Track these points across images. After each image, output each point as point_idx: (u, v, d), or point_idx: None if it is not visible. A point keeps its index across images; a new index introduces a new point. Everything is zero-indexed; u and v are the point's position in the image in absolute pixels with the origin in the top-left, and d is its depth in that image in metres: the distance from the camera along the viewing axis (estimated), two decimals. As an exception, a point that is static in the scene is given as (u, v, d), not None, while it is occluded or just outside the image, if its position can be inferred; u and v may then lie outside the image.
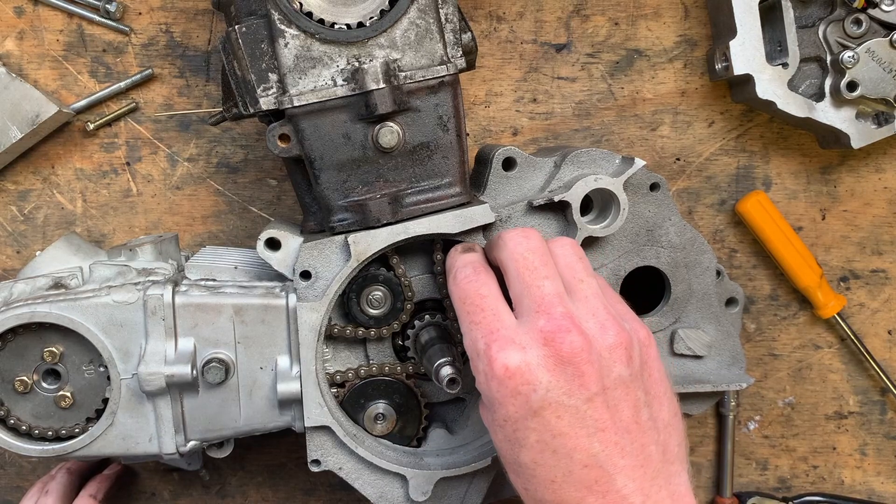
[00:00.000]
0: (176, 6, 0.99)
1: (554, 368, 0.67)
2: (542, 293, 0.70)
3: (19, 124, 0.96)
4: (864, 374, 1.08)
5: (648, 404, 0.71)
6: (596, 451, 0.67)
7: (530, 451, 0.68)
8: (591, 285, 0.73)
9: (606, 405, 0.68)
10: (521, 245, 0.73)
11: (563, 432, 0.67)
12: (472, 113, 1.02)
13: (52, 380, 0.84)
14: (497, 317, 0.71)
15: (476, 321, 0.71)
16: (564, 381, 0.67)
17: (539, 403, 0.67)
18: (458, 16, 0.80)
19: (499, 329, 0.70)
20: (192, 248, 1.02)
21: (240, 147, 1.02)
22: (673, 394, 0.74)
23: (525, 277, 0.72)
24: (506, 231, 0.76)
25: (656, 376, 0.72)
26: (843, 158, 1.04)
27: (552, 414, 0.67)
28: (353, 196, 0.80)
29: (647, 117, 1.03)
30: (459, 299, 0.74)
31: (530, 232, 0.75)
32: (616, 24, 1.01)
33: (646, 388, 0.71)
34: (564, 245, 0.76)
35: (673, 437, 0.72)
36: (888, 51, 0.93)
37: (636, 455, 0.68)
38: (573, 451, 0.67)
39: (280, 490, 1.08)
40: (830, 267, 1.06)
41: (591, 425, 0.67)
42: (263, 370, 0.83)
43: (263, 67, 0.77)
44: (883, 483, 1.09)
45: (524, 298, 0.71)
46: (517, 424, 0.68)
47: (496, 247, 0.76)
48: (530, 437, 0.68)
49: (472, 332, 0.71)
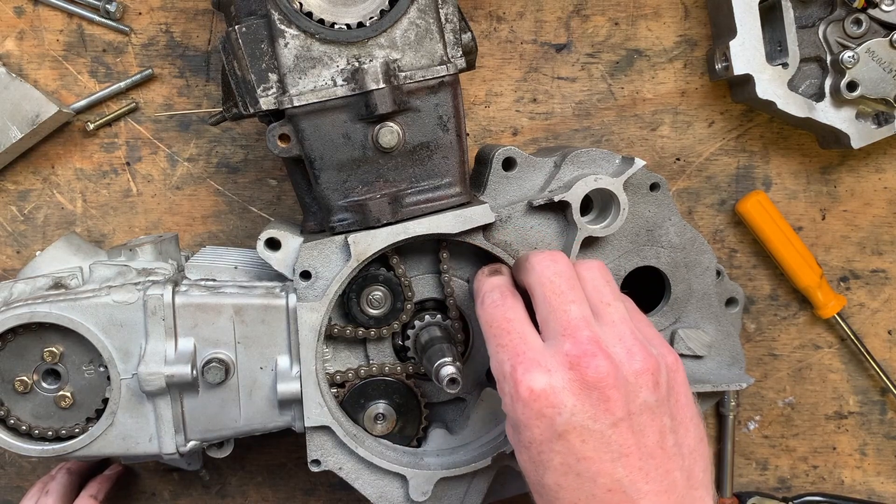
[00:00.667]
0: (176, 6, 0.99)
1: (579, 392, 0.67)
2: (568, 317, 0.70)
3: (19, 124, 0.96)
4: (864, 374, 1.08)
5: (674, 430, 0.70)
6: (620, 476, 0.67)
7: (554, 473, 0.68)
8: (619, 309, 0.73)
9: (632, 430, 0.68)
10: (549, 269, 0.73)
11: (588, 456, 0.67)
12: (472, 113, 1.02)
13: (52, 380, 0.84)
14: (523, 340, 0.71)
15: (503, 344, 0.72)
16: (590, 406, 0.67)
17: (564, 427, 0.67)
18: (458, 16, 0.80)
19: (525, 352, 0.70)
20: (192, 248, 1.02)
21: (240, 147, 1.02)
22: (700, 419, 0.74)
23: (552, 301, 0.72)
24: (533, 254, 0.76)
25: (683, 401, 0.72)
26: (843, 158, 1.04)
27: (577, 438, 0.67)
28: (353, 196, 0.80)
29: (647, 117, 1.03)
30: (486, 323, 0.74)
31: (557, 255, 0.75)
32: (616, 24, 1.01)
33: (672, 414, 0.71)
34: (592, 268, 0.76)
35: (698, 462, 0.72)
36: (888, 51, 0.93)
37: (660, 481, 0.68)
38: (597, 476, 0.67)
39: (280, 490, 1.08)
40: (830, 267, 1.06)
41: (615, 450, 0.67)
42: (263, 370, 0.83)
43: (263, 67, 0.77)
44: (883, 483, 1.09)
45: (550, 322, 0.71)
46: (542, 447, 0.68)
47: (523, 270, 0.76)
48: (554, 459, 0.68)
49: (498, 355, 0.72)
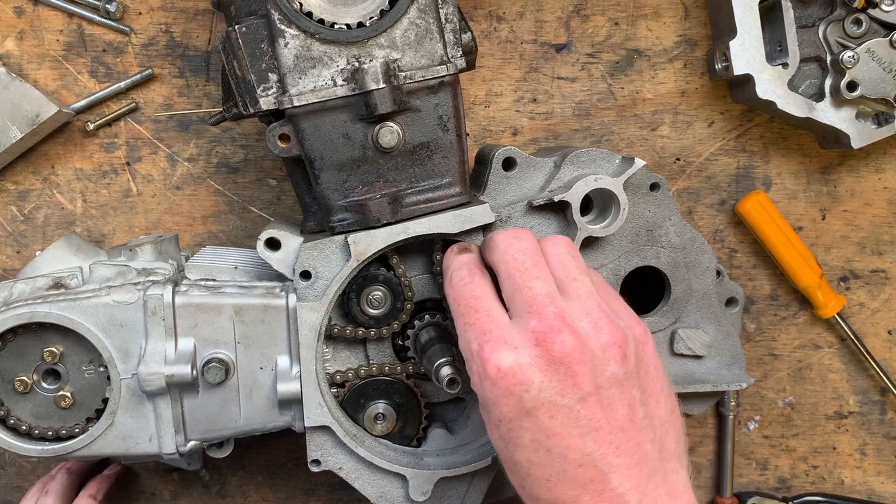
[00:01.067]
0: (176, 6, 0.99)
1: (546, 368, 0.67)
2: (532, 294, 0.70)
3: (19, 124, 0.96)
4: (864, 374, 1.08)
5: (644, 402, 0.70)
6: (590, 451, 0.67)
7: (525, 450, 0.68)
8: (585, 283, 0.72)
9: (600, 404, 0.68)
10: (512, 246, 0.73)
11: (557, 432, 0.67)
12: (472, 113, 1.02)
13: (52, 380, 0.84)
14: (490, 318, 0.71)
15: (470, 322, 0.71)
16: (557, 381, 0.67)
17: (532, 403, 0.67)
18: (458, 16, 0.80)
19: (492, 330, 0.70)
20: (192, 248, 1.02)
21: (240, 147, 1.02)
22: (671, 390, 0.74)
23: (516, 278, 0.71)
24: (497, 232, 0.76)
25: (653, 373, 0.72)
26: (843, 158, 1.04)
27: (545, 414, 0.67)
28: (353, 196, 0.80)
29: (647, 117, 1.03)
30: (454, 301, 0.74)
31: (521, 232, 0.75)
32: (616, 24, 1.01)
33: (641, 386, 0.71)
34: (557, 244, 0.75)
35: (670, 434, 0.71)
36: (888, 51, 0.93)
37: (631, 453, 0.68)
38: (567, 451, 0.67)
39: (280, 490, 1.08)
40: (830, 267, 1.06)
41: (584, 424, 0.67)
42: (263, 370, 0.83)
43: (263, 67, 0.77)
44: (883, 483, 1.09)
45: (516, 300, 0.71)
46: (511, 424, 0.68)
47: (488, 249, 0.76)
48: (524, 436, 0.68)
49: (465, 333, 0.72)
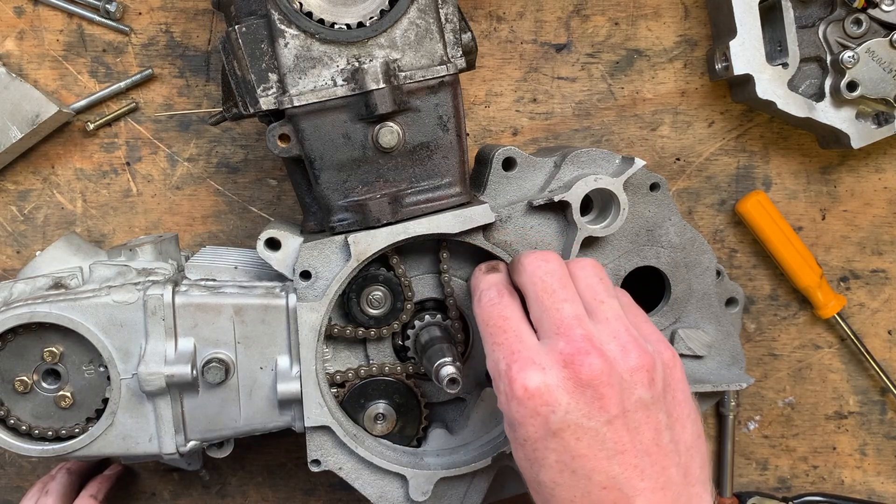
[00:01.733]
0: (176, 6, 0.99)
1: (573, 390, 0.67)
2: (560, 316, 0.70)
3: (19, 124, 0.96)
4: (864, 374, 1.08)
5: (670, 427, 0.70)
6: (615, 474, 0.67)
7: (549, 470, 0.68)
8: (613, 306, 0.73)
9: (627, 428, 0.68)
10: (540, 268, 0.74)
11: (583, 454, 0.67)
12: (472, 113, 1.02)
13: (52, 380, 0.84)
14: (519, 338, 0.71)
15: (498, 342, 0.72)
16: (584, 404, 0.67)
17: (558, 425, 0.67)
18: (458, 16, 0.80)
19: (520, 350, 0.70)
20: (192, 248, 1.02)
21: (240, 147, 1.02)
22: (697, 416, 0.74)
23: (544, 301, 0.72)
24: (525, 254, 0.76)
25: (680, 398, 0.72)
26: (843, 158, 1.04)
27: (571, 435, 0.67)
28: (353, 196, 0.80)
29: (647, 117, 1.03)
30: (483, 321, 0.74)
31: (549, 255, 0.75)
32: (616, 24, 1.01)
33: (668, 411, 0.71)
34: (585, 266, 0.76)
35: (695, 459, 0.71)
36: (888, 51, 0.93)
37: (656, 478, 0.68)
38: (592, 473, 0.67)
39: (280, 490, 1.08)
40: (830, 267, 1.06)
41: (610, 448, 0.67)
42: (263, 370, 0.83)
43: (263, 67, 0.77)
44: (883, 483, 1.09)
45: (544, 321, 0.71)
46: (536, 444, 0.68)
47: (515, 271, 0.76)
48: (549, 457, 0.68)
49: (494, 353, 0.72)
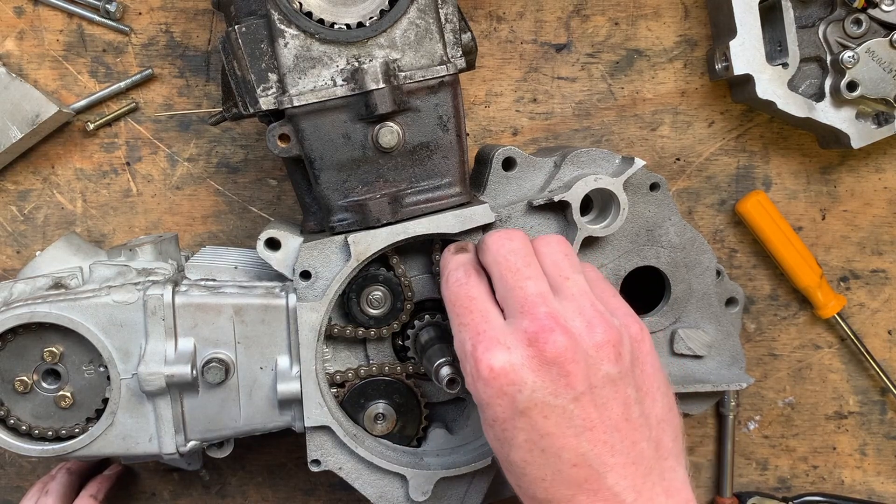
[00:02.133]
0: (176, 6, 0.99)
1: (539, 369, 0.67)
2: (524, 294, 0.70)
3: (19, 124, 0.96)
4: (864, 374, 1.08)
5: (640, 401, 0.70)
6: (585, 450, 0.67)
7: (519, 450, 0.68)
8: (578, 282, 0.72)
9: (594, 404, 0.67)
10: (504, 247, 0.73)
11: (551, 432, 0.67)
12: (472, 113, 1.02)
13: (52, 380, 0.84)
14: (485, 318, 0.71)
15: (464, 322, 0.71)
16: (550, 382, 0.67)
17: (525, 404, 0.67)
18: (458, 16, 0.80)
19: (486, 330, 0.70)
20: (192, 248, 1.02)
21: (240, 147, 1.02)
22: (668, 388, 0.73)
23: (508, 279, 0.71)
24: (489, 234, 0.76)
25: (649, 371, 0.72)
26: (843, 158, 1.04)
27: (539, 414, 0.67)
28: (353, 196, 0.80)
29: (647, 117, 1.03)
30: (450, 301, 0.74)
31: (513, 233, 0.75)
32: (616, 24, 1.01)
33: (637, 385, 0.70)
34: (549, 243, 0.75)
35: (667, 432, 0.71)
36: (888, 51, 0.93)
37: (627, 452, 0.68)
38: (561, 451, 0.67)
39: (280, 490, 1.08)
40: (830, 267, 1.06)
41: (578, 424, 0.67)
42: (263, 370, 0.83)
43: (263, 67, 0.77)
44: (883, 483, 1.09)
45: (508, 300, 0.71)
46: (505, 424, 0.68)
47: (481, 251, 0.76)
48: (518, 436, 0.68)
49: (460, 334, 0.72)
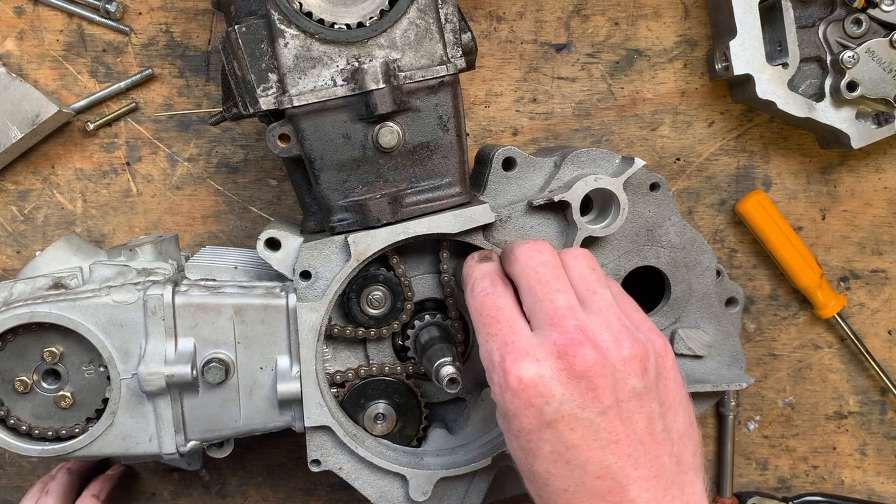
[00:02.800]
0: (176, 6, 0.99)
1: (567, 381, 0.67)
2: (554, 307, 0.70)
3: (19, 124, 0.96)
4: (864, 374, 1.08)
5: (663, 415, 0.71)
6: (609, 463, 0.67)
7: (544, 461, 0.68)
8: (605, 296, 0.72)
9: (620, 418, 0.68)
10: (533, 259, 0.73)
11: (576, 444, 0.67)
12: (472, 113, 1.02)
13: (52, 380, 0.84)
14: (513, 329, 0.71)
15: (492, 333, 0.71)
16: (578, 395, 0.67)
17: (552, 416, 0.67)
18: (458, 16, 0.80)
19: (514, 341, 0.70)
20: (192, 248, 1.02)
21: (240, 147, 1.02)
22: (689, 403, 0.74)
23: (537, 291, 0.72)
24: (517, 244, 0.76)
25: (672, 387, 0.72)
26: (843, 158, 1.04)
27: (565, 426, 0.67)
28: (353, 196, 0.80)
29: (647, 117, 1.03)
30: (476, 311, 0.74)
31: (541, 245, 0.75)
32: (616, 24, 1.01)
33: (661, 400, 0.71)
34: (577, 256, 0.75)
35: (688, 447, 0.72)
36: (888, 51, 0.93)
37: (649, 466, 0.68)
38: (586, 463, 0.67)
39: (280, 490, 1.08)
40: (830, 267, 1.06)
41: (604, 438, 0.67)
42: (263, 370, 0.83)
43: (263, 67, 0.77)
44: (883, 483, 1.09)
45: (537, 312, 0.71)
46: (531, 435, 0.68)
47: (508, 261, 0.76)
48: (544, 447, 0.68)
49: (487, 344, 0.72)
